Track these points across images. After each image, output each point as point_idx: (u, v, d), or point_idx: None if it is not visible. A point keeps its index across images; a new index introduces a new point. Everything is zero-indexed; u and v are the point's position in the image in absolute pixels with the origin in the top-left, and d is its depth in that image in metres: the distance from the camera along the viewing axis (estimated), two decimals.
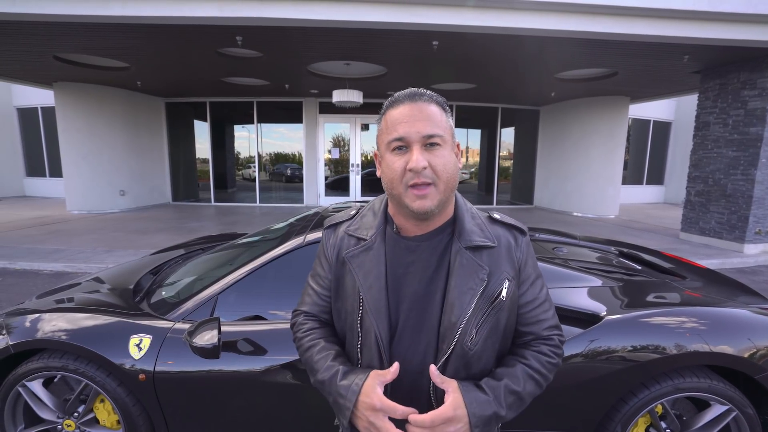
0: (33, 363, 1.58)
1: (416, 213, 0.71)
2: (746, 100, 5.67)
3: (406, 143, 0.70)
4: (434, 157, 0.69)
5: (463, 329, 0.72)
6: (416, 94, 0.72)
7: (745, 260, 5.40)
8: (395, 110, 0.72)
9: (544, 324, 0.81)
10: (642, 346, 1.47)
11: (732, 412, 1.50)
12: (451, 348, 0.72)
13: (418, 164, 0.67)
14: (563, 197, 9.94)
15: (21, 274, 4.53)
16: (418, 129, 0.69)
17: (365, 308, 0.75)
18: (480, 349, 0.74)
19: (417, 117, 0.69)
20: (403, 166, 0.69)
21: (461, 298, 0.72)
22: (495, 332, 0.76)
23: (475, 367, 0.74)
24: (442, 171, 0.70)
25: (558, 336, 0.82)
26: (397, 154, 0.71)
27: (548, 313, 0.82)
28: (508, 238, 0.80)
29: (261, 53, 5.94)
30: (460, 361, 0.73)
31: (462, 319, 0.71)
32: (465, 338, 0.72)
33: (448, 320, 0.72)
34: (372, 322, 0.74)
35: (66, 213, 8.55)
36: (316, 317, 0.88)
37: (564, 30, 4.42)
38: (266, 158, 10.73)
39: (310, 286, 0.89)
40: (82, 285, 2.06)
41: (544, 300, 0.82)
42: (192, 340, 1.30)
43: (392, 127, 0.71)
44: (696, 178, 6.49)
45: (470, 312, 0.72)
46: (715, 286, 1.89)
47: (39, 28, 4.83)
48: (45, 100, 11.23)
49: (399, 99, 0.73)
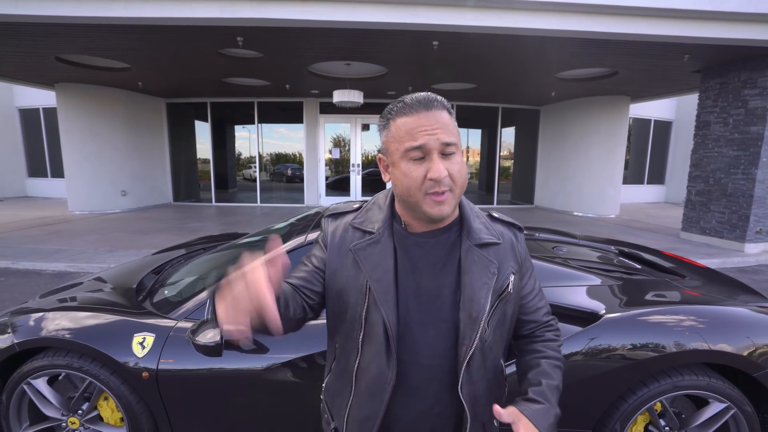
0: (38, 361, 1.60)
1: (434, 218, 0.72)
2: (747, 99, 5.67)
3: (425, 152, 0.70)
4: (451, 165, 0.71)
5: (483, 323, 0.75)
6: (430, 100, 0.72)
7: (745, 259, 5.40)
8: (409, 118, 0.71)
9: (542, 311, 0.89)
10: (641, 344, 1.48)
11: (730, 409, 1.51)
12: (474, 342, 0.74)
13: (441, 174, 0.69)
14: (564, 197, 9.94)
15: (23, 274, 4.55)
16: (438, 137, 0.69)
17: (373, 300, 0.75)
18: (492, 341, 0.78)
19: (435, 125, 0.70)
20: (423, 174, 0.70)
21: (478, 293, 0.75)
22: (502, 324, 0.80)
23: (489, 358, 0.79)
24: (458, 177, 0.72)
25: (553, 319, 0.91)
26: (415, 163, 0.71)
27: (543, 301, 0.90)
28: (510, 235, 0.85)
29: (262, 54, 5.95)
30: (480, 354, 0.76)
31: (482, 313, 0.75)
32: (484, 333, 0.76)
33: (467, 316, 0.75)
34: (382, 314, 0.74)
35: (68, 213, 8.58)
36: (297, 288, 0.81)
37: (564, 30, 4.43)
38: (267, 158, 10.75)
39: (303, 263, 0.87)
40: (84, 284, 2.07)
41: (538, 290, 0.90)
42: (195, 338, 1.32)
43: (409, 135, 0.70)
44: (697, 177, 6.49)
45: (488, 307, 0.76)
46: (715, 285, 1.90)
47: (41, 30, 4.85)
48: (46, 101, 11.27)
49: (412, 106, 0.71)
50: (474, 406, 0.76)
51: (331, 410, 0.87)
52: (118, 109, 8.84)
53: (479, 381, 0.77)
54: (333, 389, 0.86)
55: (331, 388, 0.87)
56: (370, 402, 0.77)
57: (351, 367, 0.80)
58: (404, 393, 0.77)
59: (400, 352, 0.76)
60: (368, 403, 0.77)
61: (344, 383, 0.82)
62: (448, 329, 0.76)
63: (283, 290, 0.76)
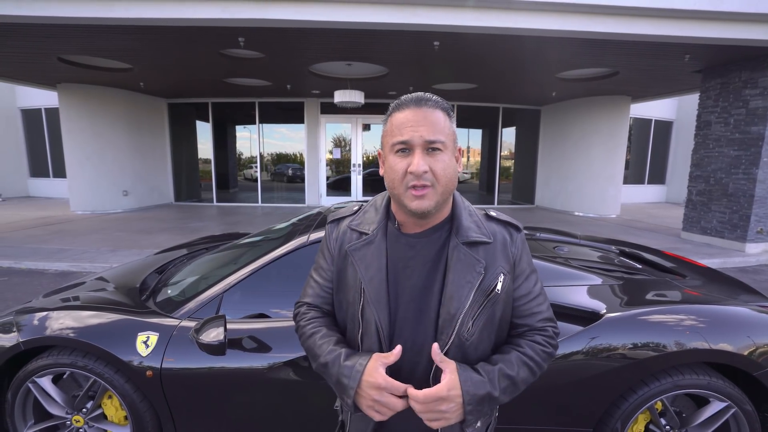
0: (42, 360, 1.61)
1: (414, 212, 0.75)
2: (748, 99, 5.67)
3: (409, 146, 0.73)
4: (435, 162, 0.73)
5: (462, 321, 0.75)
6: (422, 99, 0.75)
7: (746, 259, 5.40)
8: (401, 114, 0.75)
9: (539, 316, 0.84)
10: (642, 343, 1.49)
11: (731, 408, 1.52)
12: (450, 338, 0.75)
13: (418, 168, 0.71)
14: (564, 197, 9.94)
15: (26, 274, 4.57)
16: (421, 134, 0.72)
17: (366, 299, 0.78)
18: (476, 340, 0.78)
19: (421, 122, 0.72)
20: (405, 168, 0.73)
21: (459, 291, 0.76)
22: (490, 324, 0.80)
23: (472, 357, 0.78)
24: (441, 175, 0.73)
25: (552, 327, 0.85)
26: (400, 157, 0.74)
27: (542, 306, 0.85)
28: (504, 235, 0.84)
29: (263, 54, 5.97)
30: (459, 351, 0.77)
31: (460, 311, 0.75)
32: (462, 329, 0.76)
33: (446, 312, 0.76)
34: (373, 311, 0.77)
35: (70, 213, 8.60)
36: (318, 308, 0.91)
37: (564, 30, 4.43)
38: (268, 158, 10.76)
39: (313, 278, 0.93)
40: (87, 284, 2.08)
41: (538, 294, 0.85)
42: (199, 337, 1.33)
43: (397, 130, 0.74)
44: (697, 177, 6.49)
45: (468, 304, 0.76)
46: (716, 284, 1.91)
47: (43, 30, 4.87)
48: (48, 102, 11.29)
49: (405, 103, 0.76)
50: None
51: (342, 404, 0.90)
52: (119, 109, 8.86)
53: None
54: None
55: None
56: None
57: None
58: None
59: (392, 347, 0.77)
60: None
61: None
62: (433, 327, 0.78)
63: (325, 315, 0.89)
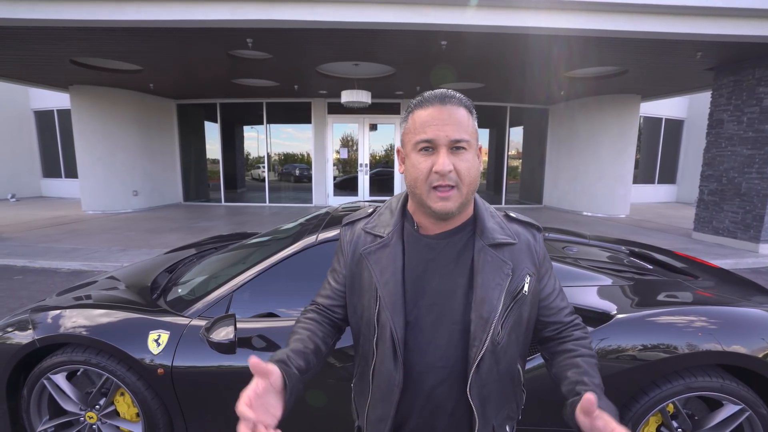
0: (57, 357, 1.64)
1: (437, 213, 0.73)
2: (761, 97, 5.56)
3: (434, 145, 0.71)
4: (459, 161, 0.71)
5: (494, 324, 0.74)
6: (446, 96, 0.72)
7: (760, 260, 5.30)
8: (424, 111, 0.72)
9: (565, 311, 0.86)
10: (653, 345, 1.47)
11: (745, 411, 1.49)
12: (484, 344, 0.73)
13: (444, 168, 0.69)
14: (573, 197, 9.85)
15: (40, 272, 4.66)
16: (446, 133, 0.70)
17: (382, 303, 0.77)
18: (506, 343, 0.76)
19: (446, 120, 0.70)
20: (429, 167, 0.71)
21: (491, 293, 0.74)
22: (518, 326, 0.78)
23: (503, 361, 0.77)
24: (465, 175, 0.71)
25: (577, 317, 0.88)
26: (424, 155, 0.72)
27: (564, 301, 0.88)
28: (527, 236, 0.82)
29: (271, 55, 6.01)
30: (492, 356, 0.75)
31: (494, 315, 0.73)
32: (495, 333, 0.74)
33: (478, 316, 0.73)
34: (388, 316, 0.76)
35: (81, 213, 8.74)
36: (322, 310, 0.90)
37: (573, 28, 4.39)
38: (275, 158, 10.83)
39: (327, 281, 0.93)
40: (98, 283, 2.12)
41: (559, 290, 0.88)
42: (209, 336, 1.35)
43: (420, 128, 0.72)
44: (709, 176, 6.39)
45: (500, 307, 0.74)
46: (729, 285, 1.88)
47: (56, 33, 4.96)
48: (61, 103, 11.50)
49: (428, 100, 0.73)
50: (484, 408, 0.76)
51: (357, 409, 0.90)
52: (129, 110, 8.98)
53: (490, 384, 0.76)
54: (357, 389, 0.89)
55: (356, 387, 0.90)
56: (383, 402, 0.78)
57: (369, 368, 0.81)
58: (415, 394, 0.77)
59: (411, 354, 0.76)
60: (381, 403, 0.79)
61: (365, 384, 0.84)
62: (459, 331, 0.75)
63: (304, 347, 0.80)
